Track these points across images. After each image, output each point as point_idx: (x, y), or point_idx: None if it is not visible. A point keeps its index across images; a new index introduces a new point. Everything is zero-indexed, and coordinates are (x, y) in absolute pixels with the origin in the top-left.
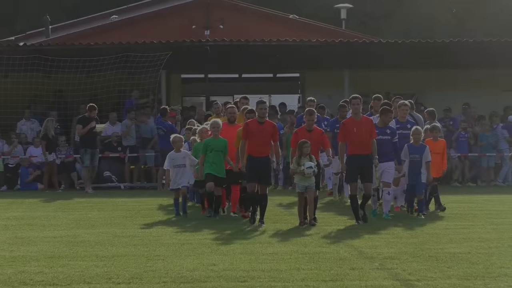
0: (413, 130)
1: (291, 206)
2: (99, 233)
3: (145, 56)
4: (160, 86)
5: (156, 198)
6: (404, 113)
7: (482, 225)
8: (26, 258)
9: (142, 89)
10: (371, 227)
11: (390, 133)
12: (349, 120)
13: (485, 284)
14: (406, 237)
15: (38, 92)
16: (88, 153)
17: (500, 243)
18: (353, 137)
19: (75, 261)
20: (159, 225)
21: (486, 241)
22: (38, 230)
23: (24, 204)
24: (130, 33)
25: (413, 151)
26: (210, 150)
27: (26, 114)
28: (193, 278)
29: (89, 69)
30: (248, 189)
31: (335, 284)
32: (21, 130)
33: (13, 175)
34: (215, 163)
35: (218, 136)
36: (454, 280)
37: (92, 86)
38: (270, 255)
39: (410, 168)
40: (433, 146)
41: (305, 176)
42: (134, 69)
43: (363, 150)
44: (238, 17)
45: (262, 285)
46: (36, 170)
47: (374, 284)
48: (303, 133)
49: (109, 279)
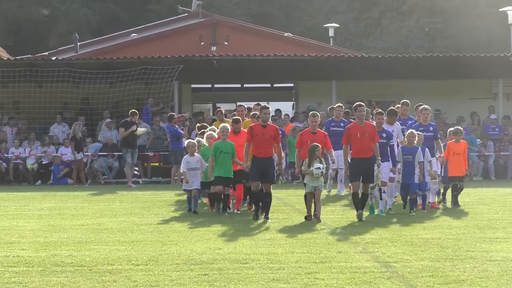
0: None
1: (287, 198)
2: (120, 221)
3: (160, 69)
4: (173, 95)
5: (170, 191)
6: (426, 117)
7: (451, 215)
8: (57, 243)
9: (157, 98)
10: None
11: (386, 136)
12: (353, 125)
13: (453, 265)
14: (385, 225)
15: (68, 100)
16: (129, 152)
17: (466, 230)
18: (356, 141)
19: (100, 245)
20: (172, 215)
21: (454, 228)
22: (68, 219)
23: (56, 196)
24: (147, 49)
25: (406, 152)
26: (220, 152)
27: (57, 119)
28: (202, 260)
29: (111, 80)
30: (252, 188)
31: (324, 265)
32: (53, 133)
33: (46, 171)
34: (224, 165)
35: (226, 140)
36: (427, 262)
37: (114, 94)
38: (268, 240)
39: (404, 168)
40: (456, 147)
41: (314, 177)
42: (151, 80)
43: (366, 154)
44: (240, 35)
45: (261, 266)
46: (66, 167)
47: (357, 265)
48: (308, 135)
49: (129, 261)
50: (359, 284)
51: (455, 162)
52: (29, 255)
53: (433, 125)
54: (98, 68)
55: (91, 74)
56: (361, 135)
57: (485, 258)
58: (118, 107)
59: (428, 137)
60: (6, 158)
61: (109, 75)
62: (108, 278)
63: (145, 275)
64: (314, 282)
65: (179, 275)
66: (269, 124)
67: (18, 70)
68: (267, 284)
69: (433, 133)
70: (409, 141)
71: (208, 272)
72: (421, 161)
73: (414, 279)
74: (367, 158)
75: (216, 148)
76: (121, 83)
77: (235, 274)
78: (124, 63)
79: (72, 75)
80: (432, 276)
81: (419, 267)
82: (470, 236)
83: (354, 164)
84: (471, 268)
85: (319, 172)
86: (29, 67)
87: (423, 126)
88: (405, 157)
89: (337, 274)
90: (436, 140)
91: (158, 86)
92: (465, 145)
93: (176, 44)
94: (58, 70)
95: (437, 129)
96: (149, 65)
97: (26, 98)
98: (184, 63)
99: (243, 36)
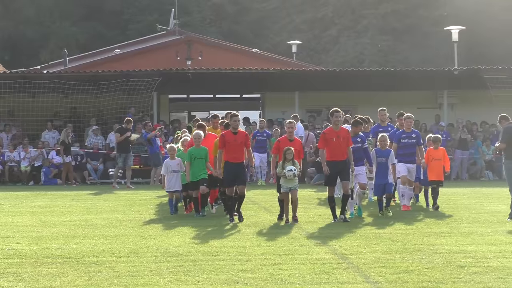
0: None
1: (254, 197)
2: (104, 218)
3: (141, 81)
4: (152, 104)
5: (149, 191)
6: (409, 124)
7: (401, 213)
8: (48, 237)
9: (138, 107)
10: (323, 216)
11: (360, 141)
12: (329, 130)
13: (403, 257)
14: (344, 223)
15: (58, 109)
16: (122, 156)
17: (414, 225)
18: (332, 145)
19: (86, 239)
20: (152, 212)
21: (403, 224)
22: (57, 216)
23: (47, 195)
24: (129, 63)
25: (380, 155)
26: (194, 158)
27: (48, 126)
28: (178, 252)
29: (97, 91)
30: (227, 192)
31: (288, 257)
32: (44, 138)
33: (38, 173)
34: (198, 169)
35: (199, 146)
36: (379, 254)
37: (100, 104)
38: (237, 235)
39: (378, 169)
40: (434, 153)
41: (287, 178)
42: (132, 91)
43: (340, 157)
44: (213, 51)
45: (231, 258)
46: (56, 169)
47: (317, 257)
48: (285, 141)
49: (113, 253)
50: (319, 274)
51: (434, 168)
52: (23, 248)
53: (416, 132)
54: (85, 80)
55: (79, 85)
56: (336, 140)
57: (431, 251)
58: (103, 115)
59: (411, 144)
60: (2, 161)
61: (95, 86)
62: (93, 269)
63: (127, 266)
64: (278, 272)
65: (157, 266)
66: (239, 130)
67: (13, 82)
68: (236, 274)
69: (416, 139)
70: (382, 145)
71: (183, 264)
72: (393, 163)
73: (368, 269)
74: (341, 161)
75: (191, 154)
76: (106, 94)
77: (208, 265)
78: (108, 75)
79: (61, 87)
80: (384, 267)
81: (372, 259)
82: (417, 231)
83: (329, 168)
84: (419, 259)
85: (291, 174)
86: (23, 79)
87: (406, 133)
88: (379, 159)
89: (299, 265)
90: (418, 146)
91: (139, 96)
92: (443, 151)
93: (155, 59)
94: (49, 82)
95: (420, 136)
96: (130, 77)
97: (20, 107)
98: (162, 76)
99: (215, 51)
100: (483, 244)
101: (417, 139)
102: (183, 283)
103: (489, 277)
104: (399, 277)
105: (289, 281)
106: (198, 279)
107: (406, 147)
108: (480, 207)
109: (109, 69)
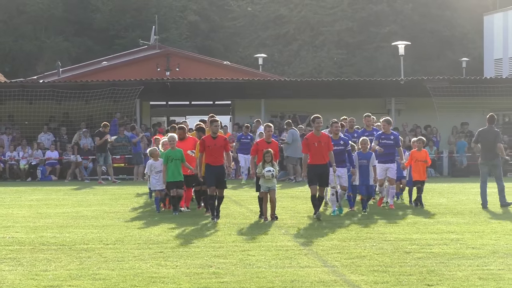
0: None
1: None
2: (94, 210)
3: (125, 89)
4: (135, 110)
5: (133, 186)
6: (387, 128)
7: (357, 207)
8: (44, 227)
9: (123, 112)
10: (286, 209)
11: (343, 144)
12: (311, 135)
13: (356, 244)
14: (305, 213)
15: (52, 114)
16: (102, 156)
17: (366, 217)
18: (313, 150)
19: (77, 229)
20: (135, 205)
21: (357, 216)
22: (52, 208)
23: (43, 190)
24: (115, 73)
25: (361, 157)
26: (171, 160)
27: (44, 129)
28: (158, 240)
29: (87, 98)
30: (208, 192)
31: (255, 244)
32: (41, 140)
33: (35, 170)
34: (175, 171)
35: (175, 148)
36: (335, 241)
37: (89, 109)
38: (211, 226)
39: (360, 171)
40: (418, 155)
41: (266, 179)
42: (118, 98)
43: (322, 161)
44: (189, 63)
45: (205, 245)
46: (51, 167)
47: (281, 244)
48: (263, 144)
49: (101, 241)
50: (283, 259)
51: (417, 168)
52: (21, 236)
53: (394, 134)
54: (76, 89)
55: (71, 93)
56: (318, 144)
57: (381, 238)
58: (92, 120)
59: (390, 145)
60: (3, 160)
61: (85, 94)
62: (84, 255)
63: (114, 252)
64: (247, 257)
65: (140, 252)
66: (219, 135)
67: (13, 90)
68: (209, 259)
69: (394, 141)
70: (363, 148)
71: (163, 250)
72: (374, 165)
73: (325, 255)
74: (322, 165)
75: (167, 157)
76: (94, 101)
77: (185, 251)
78: (97, 84)
79: (55, 94)
80: (340, 253)
81: (329, 246)
82: (369, 221)
83: (311, 170)
84: (370, 246)
85: (269, 175)
86: (21, 88)
87: (385, 135)
88: (360, 161)
89: (265, 251)
90: (397, 147)
91: (124, 103)
92: (426, 153)
93: (138, 70)
94: (44, 91)
95: (398, 137)
96: (116, 86)
97: (19, 112)
98: (144, 85)
99: (191, 63)
100: (426, 233)
101: (395, 141)
102: (163, 267)
103: (432, 261)
104: (353, 262)
105: (256, 265)
106: (176, 263)
107: (384, 148)
108: (423, 200)
109: (97, 79)
